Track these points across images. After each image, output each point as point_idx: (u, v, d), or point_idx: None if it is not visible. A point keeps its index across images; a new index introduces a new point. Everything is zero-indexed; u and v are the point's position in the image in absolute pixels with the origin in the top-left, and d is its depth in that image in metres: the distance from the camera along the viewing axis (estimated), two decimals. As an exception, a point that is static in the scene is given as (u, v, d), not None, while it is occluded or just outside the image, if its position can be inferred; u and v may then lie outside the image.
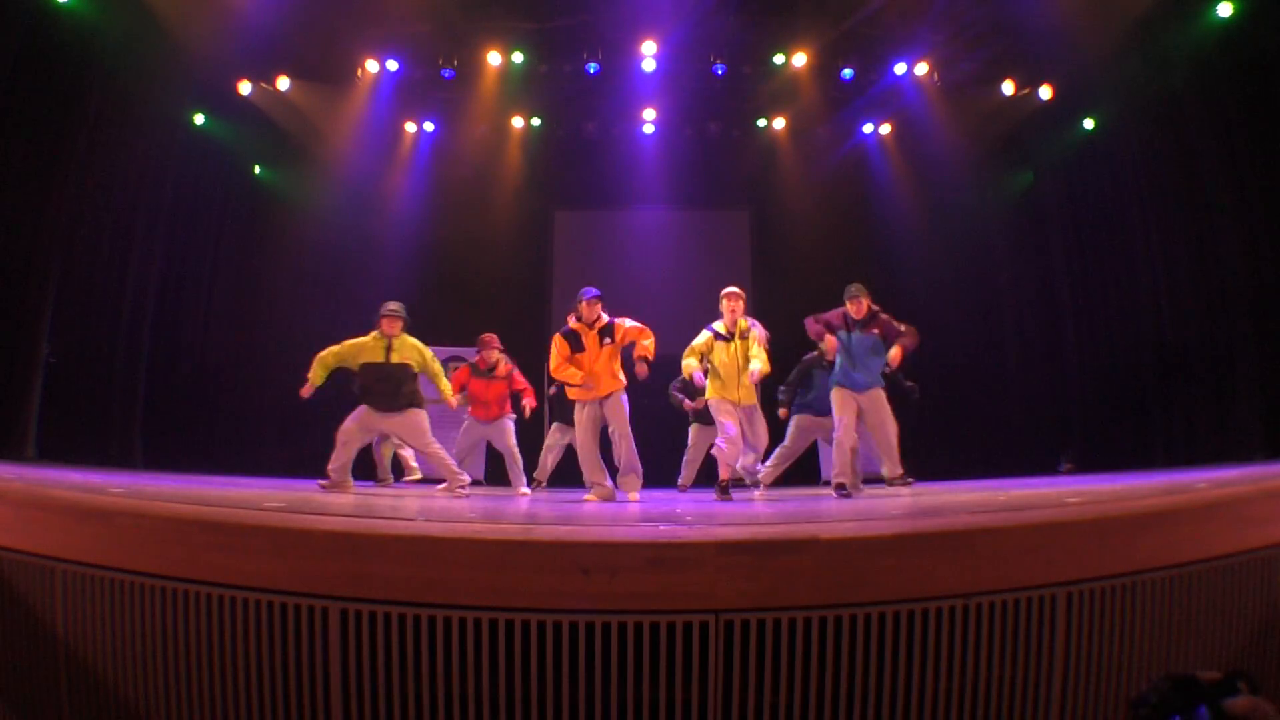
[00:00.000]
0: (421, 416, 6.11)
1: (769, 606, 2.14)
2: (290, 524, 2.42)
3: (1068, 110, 9.73)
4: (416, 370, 6.16)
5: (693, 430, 7.74)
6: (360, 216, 10.64)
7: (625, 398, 5.94)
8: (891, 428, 5.80)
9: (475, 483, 8.33)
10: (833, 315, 5.94)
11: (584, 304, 5.97)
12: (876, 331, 5.81)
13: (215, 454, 9.10)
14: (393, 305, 6.22)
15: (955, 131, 10.34)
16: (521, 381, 7.39)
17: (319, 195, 10.43)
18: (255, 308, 10.37)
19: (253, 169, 10.64)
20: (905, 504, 4.22)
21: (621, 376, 5.99)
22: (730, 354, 5.88)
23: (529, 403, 7.38)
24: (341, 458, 5.95)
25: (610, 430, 5.93)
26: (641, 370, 5.93)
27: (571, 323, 6.11)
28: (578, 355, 5.88)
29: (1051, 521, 2.39)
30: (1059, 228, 10.30)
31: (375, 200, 10.90)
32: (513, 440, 7.28)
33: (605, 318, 6.00)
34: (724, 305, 6.03)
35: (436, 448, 6.11)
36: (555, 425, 7.67)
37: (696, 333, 6.13)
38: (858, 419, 5.81)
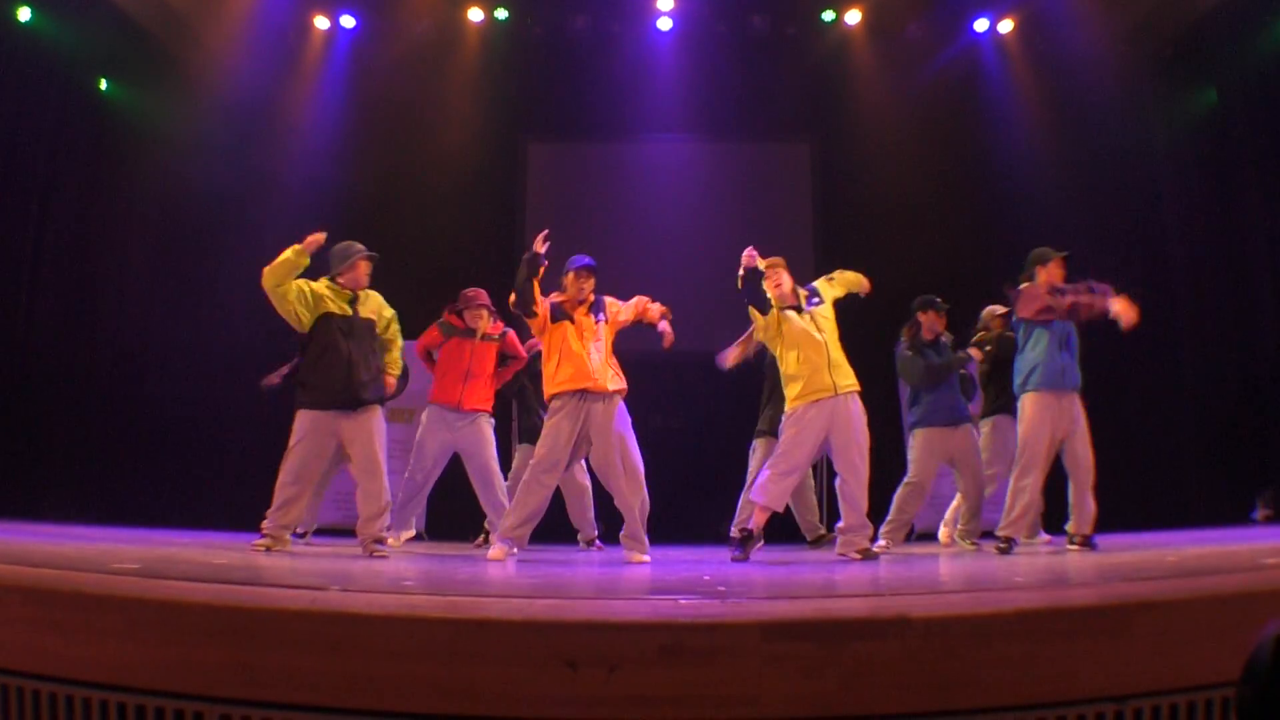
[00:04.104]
0: (381, 419, 6.00)
1: (838, 715, 2.13)
2: (150, 593, 2.42)
3: (1264, 4, 9.67)
4: (379, 332, 6.06)
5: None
6: (250, 149, 10.65)
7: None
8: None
9: (416, 537, 8.30)
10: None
11: (571, 276, 6.02)
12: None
13: (46, 494, 9.13)
14: (357, 245, 6.03)
15: (1105, 32, 10.30)
16: (518, 347, 7.61)
17: (191, 120, 10.44)
18: (102, 282, 10.41)
19: (98, 83, 10.67)
20: (1035, 568, 4.21)
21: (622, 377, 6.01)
22: (806, 322, 5.85)
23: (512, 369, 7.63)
24: (286, 497, 5.72)
25: (605, 454, 5.83)
26: (668, 333, 6.14)
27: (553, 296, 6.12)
28: (563, 329, 5.89)
29: (1242, 592, 2.39)
30: (1253, 170, 10.23)
31: (271, 126, 10.93)
32: (493, 452, 7.15)
33: (592, 295, 6.08)
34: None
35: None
36: (522, 447, 7.68)
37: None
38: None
